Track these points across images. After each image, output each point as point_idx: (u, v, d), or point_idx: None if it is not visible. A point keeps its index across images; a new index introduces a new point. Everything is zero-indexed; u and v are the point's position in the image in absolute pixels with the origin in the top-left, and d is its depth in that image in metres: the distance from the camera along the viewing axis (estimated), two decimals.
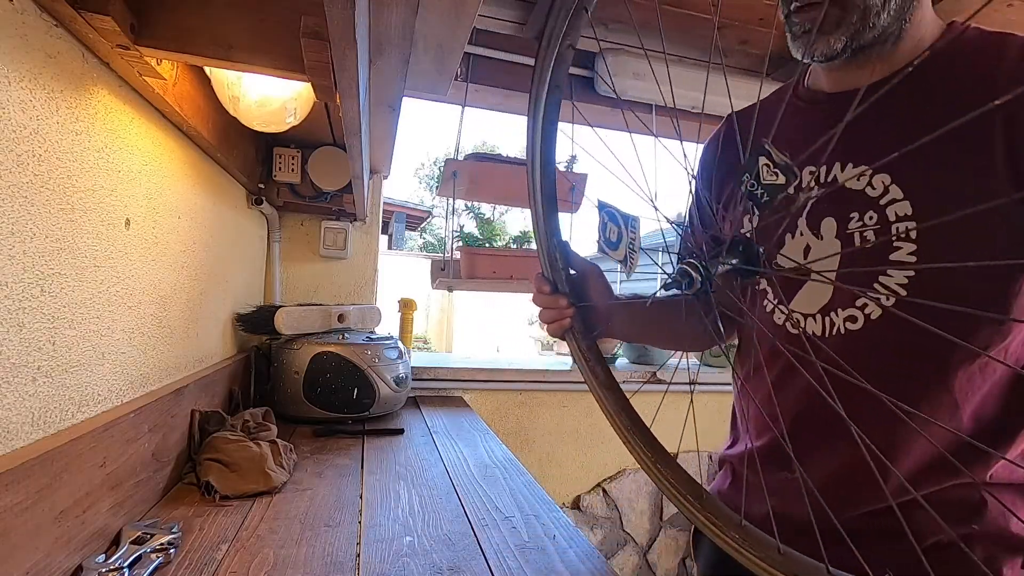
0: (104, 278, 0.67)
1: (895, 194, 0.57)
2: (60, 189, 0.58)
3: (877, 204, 0.58)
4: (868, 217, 0.59)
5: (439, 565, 0.66)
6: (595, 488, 1.99)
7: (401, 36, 0.78)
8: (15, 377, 0.51)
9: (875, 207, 0.58)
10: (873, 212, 0.58)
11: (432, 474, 1.00)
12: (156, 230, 0.83)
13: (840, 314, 0.62)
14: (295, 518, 0.78)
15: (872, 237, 0.59)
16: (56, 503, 0.54)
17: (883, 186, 0.58)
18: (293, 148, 1.51)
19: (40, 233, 0.54)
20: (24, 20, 0.51)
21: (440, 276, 1.89)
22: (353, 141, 0.95)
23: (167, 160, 0.86)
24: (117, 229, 0.70)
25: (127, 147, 0.73)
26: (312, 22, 0.61)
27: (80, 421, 0.62)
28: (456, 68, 1.15)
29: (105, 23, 0.56)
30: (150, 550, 0.63)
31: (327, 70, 0.66)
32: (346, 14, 0.49)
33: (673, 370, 2.04)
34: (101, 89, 0.66)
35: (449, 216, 1.95)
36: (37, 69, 0.53)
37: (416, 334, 1.98)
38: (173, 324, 0.91)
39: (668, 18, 1.89)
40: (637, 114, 2.03)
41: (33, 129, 0.53)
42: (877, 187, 0.58)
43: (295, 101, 0.96)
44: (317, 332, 1.39)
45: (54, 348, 0.57)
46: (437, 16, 0.91)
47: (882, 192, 0.58)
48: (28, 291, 0.53)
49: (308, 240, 1.76)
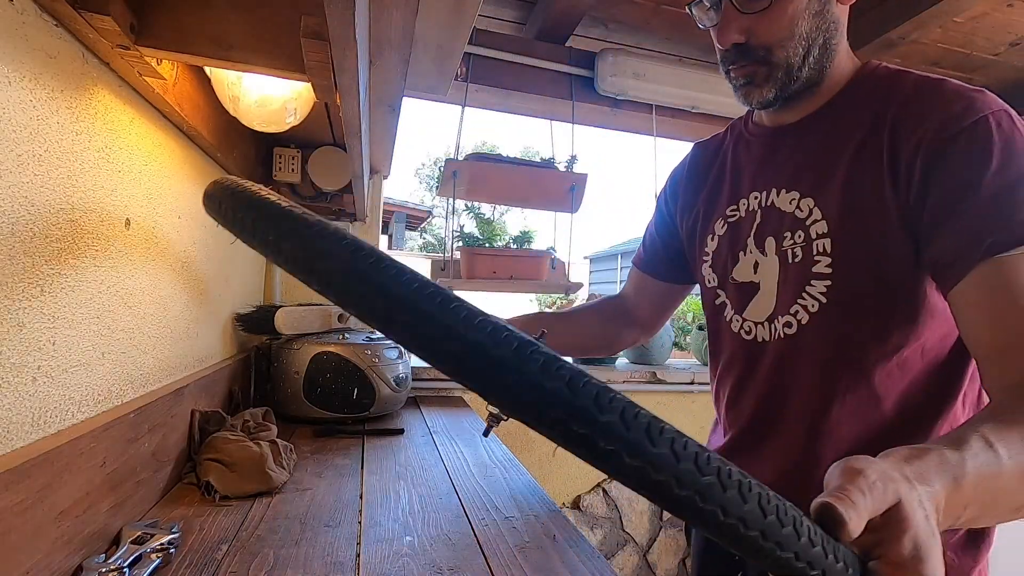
0: (104, 278, 0.67)
1: (816, 215, 0.67)
2: (60, 189, 0.58)
3: (803, 224, 0.68)
4: (797, 236, 0.69)
5: (439, 565, 0.66)
6: (595, 488, 1.99)
7: (401, 36, 0.78)
8: (15, 377, 0.51)
9: (802, 227, 0.68)
10: (801, 231, 0.68)
11: (432, 474, 1.00)
12: (156, 230, 0.83)
13: (781, 320, 0.71)
14: (295, 518, 0.78)
15: (800, 254, 0.68)
16: (56, 503, 0.54)
17: (808, 208, 0.68)
18: (293, 148, 1.51)
19: (40, 233, 0.54)
20: (24, 20, 0.51)
21: (440, 276, 1.89)
22: (353, 141, 0.95)
23: (167, 160, 0.86)
24: (117, 229, 0.70)
25: (127, 147, 0.73)
26: (312, 22, 0.61)
27: (80, 421, 0.62)
28: (456, 68, 1.15)
29: (105, 23, 0.56)
30: (150, 550, 0.63)
31: (327, 70, 0.66)
32: (346, 14, 0.49)
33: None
34: (101, 89, 0.66)
35: (449, 216, 1.96)
36: (37, 69, 0.53)
37: None
38: (173, 324, 0.91)
39: (668, 18, 1.89)
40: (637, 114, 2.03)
41: (33, 129, 0.53)
42: (804, 209, 0.68)
43: (295, 101, 0.96)
44: (317, 332, 1.39)
45: (54, 348, 0.57)
46: (437, 16, 0.91)
47: (808, 214, 0.68)
48: (28, 291, 0.53)
49: None
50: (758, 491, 0.28)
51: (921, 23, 1.68)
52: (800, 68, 0.67)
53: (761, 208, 0.73)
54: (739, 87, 0.70)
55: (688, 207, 0.87)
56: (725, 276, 0.78)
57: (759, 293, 0.73)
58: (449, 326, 0.27)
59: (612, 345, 1.03)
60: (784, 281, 0.70)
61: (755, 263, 0.74)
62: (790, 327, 0.69)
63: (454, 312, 0.28)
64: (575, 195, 1.93)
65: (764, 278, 0.73)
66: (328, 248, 0.31)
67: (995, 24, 1.81)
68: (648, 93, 1.94)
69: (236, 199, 0.37)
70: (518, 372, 0.26)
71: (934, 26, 1.76)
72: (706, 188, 0.84)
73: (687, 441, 0.28)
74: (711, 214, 0.82)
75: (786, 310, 0.70)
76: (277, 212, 0.34)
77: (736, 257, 0.76)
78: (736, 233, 0.77)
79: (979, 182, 0.55)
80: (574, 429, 0.26)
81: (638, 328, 1.02)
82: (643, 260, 0.98)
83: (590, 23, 1.96)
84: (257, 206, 0.35)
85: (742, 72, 0.68)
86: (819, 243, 0.66)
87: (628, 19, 1.94)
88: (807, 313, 0.67)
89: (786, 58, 0.66)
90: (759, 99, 0.69)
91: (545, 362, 0.27)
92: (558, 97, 1.97)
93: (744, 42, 0.66)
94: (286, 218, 0.33)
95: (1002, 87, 2.30)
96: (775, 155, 0.74)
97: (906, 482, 0.36)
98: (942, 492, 0.38)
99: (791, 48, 0.65)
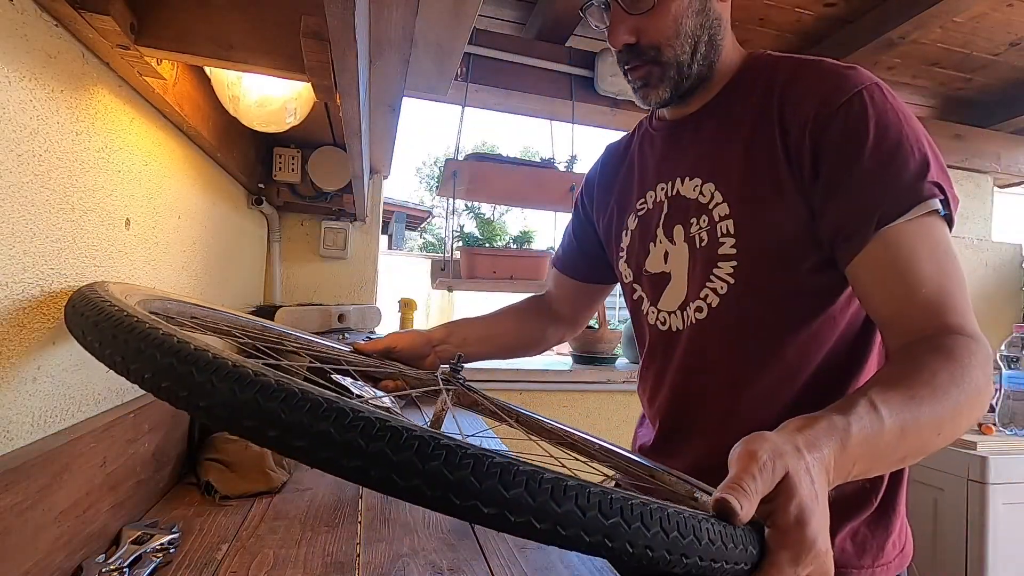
0: (104, 278, 0.67)
1: (718, 198, 0.69)
2: (60, 189, 0.58)
3: (707, 209, 0.70)
4: (703, 220, 0.70)
5: (439, 565, 0.66)
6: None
7: (401, 36, 0.78)
8: (15, 377, 0.51)
9: (706, 212, 0.70)
10: (705, 216, 0.70)
11: None
12: (156, 230, 0.83)
13: (692, 306, 0.72)
14: (295, 518, 0.78)
15: (706, 238, 0.70)
16: (56, 503, 0.54)
17: (710, 193, 0.70)
18: (293, 148, 1.51)
19: (40, 233, 0.54)
20: (25, 20, 0.51)
21: (440, 276, 1.89)
22: (353, 141, 0.95)
23: (167, 160, 0.86)
24: (117, 229, 0.70)
25: (127, 147, 0.73)
26: (312, 22, 0.61)
27: (80, 421, 0.62)
28: (456, 68, 1.15)
29: (105, 23, 0.56)
30: (150, 550, 0.63)
31: (327, 70, 0.66)
32: (346, 14, 0.49)
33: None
34: (101, 89, 0.66)
35: (449, 216, 1.96)
36: (38, 69, 0.53)
37: None
38: None
39: None
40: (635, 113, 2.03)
41: (33, 129, 0.53)
42: (707, 195, 0.70)
43: (295, 101, 0.96)
44: (317, 332, 1.39)
45: (54, 348, 0.57)
46: (437, 16, 0.91)
47: (710, 199, 0.70)
48: (28, 291, 0.53)
49: (308, 240, 1.76)
50: (658, 514, 0.31)
51: (921, 23, 1.68)
52: (690, 65, 0.70)
53: (668, 198, 0.75)
54: (637, 89, 0.73)
55: (603, 207, 0.89)
56: (639, 269, 0.79)
57: (671, 282, 0.75)
58: (327, 432, 0.28)
59: (537, 344, 1.03)
60: (693, 267, 0.71)
61: (665, 252, 0.75)
62: (701, 312, 0.70)
63: (333, 418, 0.28)
64: (575, 195, 1.93)
65: (674, 266, 0.74)
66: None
67: (995, 24, 1.81)
68: None
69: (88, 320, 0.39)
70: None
71: (934, 26, 1.76)
72: (617, 186, 0.86)
73: (589, 491, 0.30)
74: (624, 210, 0.84)
75: (696, 295, 0.71)
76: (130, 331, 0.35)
77: (647, 249, 0.77)
78: (646, 225, 0.78)
79: (859, 157, 0.58)
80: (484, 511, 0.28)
81: (563, 325, 1.03)
82: (561, 260, 1.00)
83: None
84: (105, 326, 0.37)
85: (638, 75, 0.71)
86: (722, 225, 0.68)
87: None
88: (716, 296, 0.69)
89: (675, 56, 0.69)
90: (656, 99, 0.72)
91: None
92: (558, 97, 1.97)
93: (635, 42, 0.69)
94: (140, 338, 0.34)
95: (1002, 87, 2.30)
96: (677, 146, 0.76)
97: (796, 453, 0.41)
98: (830, 455, 0.43)
99: (678, 46, 0.68)
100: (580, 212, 0.96)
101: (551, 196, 1.96)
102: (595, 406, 1.99)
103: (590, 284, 0.98)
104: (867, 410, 0.47)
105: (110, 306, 0.39)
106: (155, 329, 0.34)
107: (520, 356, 1.05)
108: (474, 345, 0.93)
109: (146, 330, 0.34)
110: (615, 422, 1.99)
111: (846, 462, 0.45)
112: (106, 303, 0.39)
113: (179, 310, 0.60)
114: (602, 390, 1.98)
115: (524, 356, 1.06)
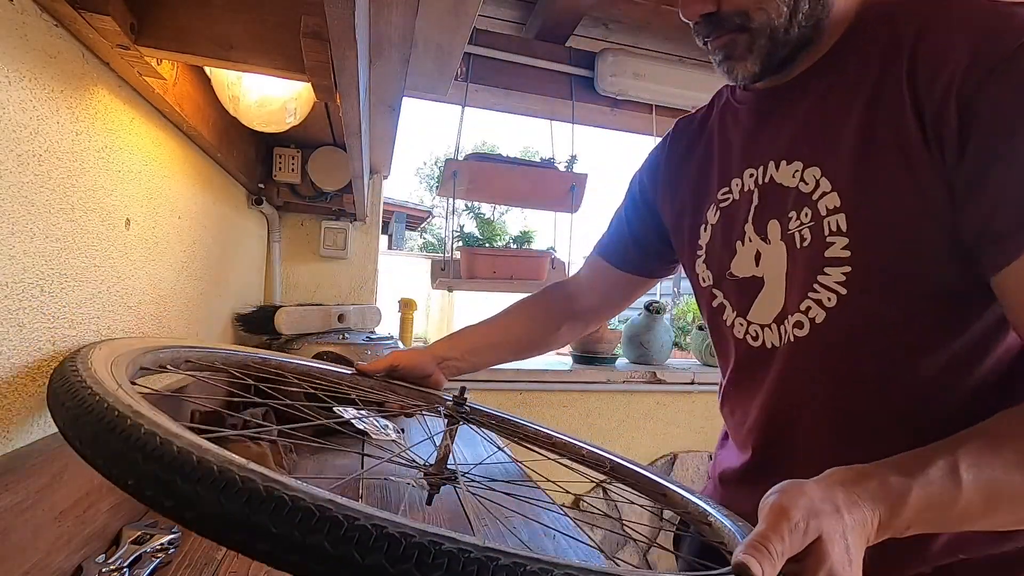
0: (104, 278, 0.67)
1: (824, 187, 0.55)
2: (60, 189, 0.58)
3: (811, 200, 0.56)
4: (804, 215, 0.56)
5: None
6: (595, 488, 1.99)
7: (401, 36, 0.78)
8: (15, 377, 0.51)
9: (809, 204, 0.56)
10: (808, 209, 0.56)
11: None
12: (156, 230, 0.83)
13: (791, 320, 0.58)
14: None
15: (808, 236, 0.56)
16: (56, 503, 0.54)
17: (814, 180, 0.56)
18: (293, 148, 1.51)
19: (40, 233, 0.54)
20: (24, 20, 0.51)
21: (440, 276, 1.89)
22: (353, 141, 0.95)
23: (167, 160, 0.86)
24: (117, 229, 0.70)
25: (127, 147, 0.73)
26: (312, 22, 0.61)
27: None
28: (456, 68, 1.15)
29: (105, 23, 0.56)
30: (150, 550, 0.63)
31: (327, 70, 0.66)
32: (346, 14, 0.49)
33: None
34: (101, 89, 0.66)
35: (449, 216, 1.96)
36: (37, 69, 0.53)
37: (416, 334, 1.98)
38: (173, 324, 0.91)
39: (668, 18, 1.89)
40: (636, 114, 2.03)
41: (33, 129, 0.53)
42: (809, 182, 0.56)
43: (295, 101, 0.96)
44: (317, 332, 1.39)
45: (54, 348, 0.57)
46: (437, 16, 0.91)
47: (814, 187, 0.56)
48: (28, 291, 0.53)
49: (308, 240, 1.76)
50: None
51: None
52: (787, 30, 0.54)
53: (759, 186, 0.61)
54: (719, 63, 0.59)
55: (672, 196, 0.75)
56: (722, 272, 0.66)
57: (764, 289, 0.61)
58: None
59: (549, 345, 0.93)
60: (792, 272, 0.58)
61: (756, 253, 0.62)
62: (801, 328, 0.57)
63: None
64: (575, 195, 1.93)
65: (768, 270, 0.60)
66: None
67: None
68: (648, 93, 1.94)
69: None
70: None
71: None
72: (691, 171, 0.72)
73: None
74: (701, 202, 0.70)
75: (796, 307, 0.57)
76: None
77: (733, 248, 0.64)
78: (730, 219, 0.65)
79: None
80: None
81: (581, 322, 0.94)
82: (606, 247, 0.87)
83: (590, 23, 1.96)
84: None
85: (719, 44, 0.57)
86: (831, 220, 0.54)
87: (628, 19, 1.94)
88: (822, 309, 0.55)
89: (767, 21, 0.54)
90: (744, 74, 0.58)
91: None
92: (558, 97, 1.97)
93: (715, 10, 0.55)
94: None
95: None
96: (769, 122, 0.62)
97: (834, 514, 0.37)
98: (874, 520, 0.39)
99: (772, 8, 0.53)
100: (638, 198, 0.82)
101: (551, 196, 1.96)
102: (595, 406, 1.99)
103: (637, 276, 0.85)
104: (943, 473, 0.40)
105: (90, 394, 0.36)
106: (137, 426, 0.31)
107: (531, 356, 0.97)
108: (482, 354, 0.88)
109: (127, 429, 0.31)
110: (615, 422, 1.99)
111: (897, 526, 0.40)
112: (86, 389, 0.36)
113: (172, 357, 0.59)
114: (602, 390, 1.98)
115: (536, 356, 0.98)
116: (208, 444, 0.30)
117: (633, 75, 1.88)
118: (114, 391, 0.36)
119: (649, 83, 1.90)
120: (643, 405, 2.04)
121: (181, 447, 0.29)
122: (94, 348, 0.47)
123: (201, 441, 0.31)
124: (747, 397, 0.66)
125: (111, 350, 0.49)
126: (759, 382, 0.63)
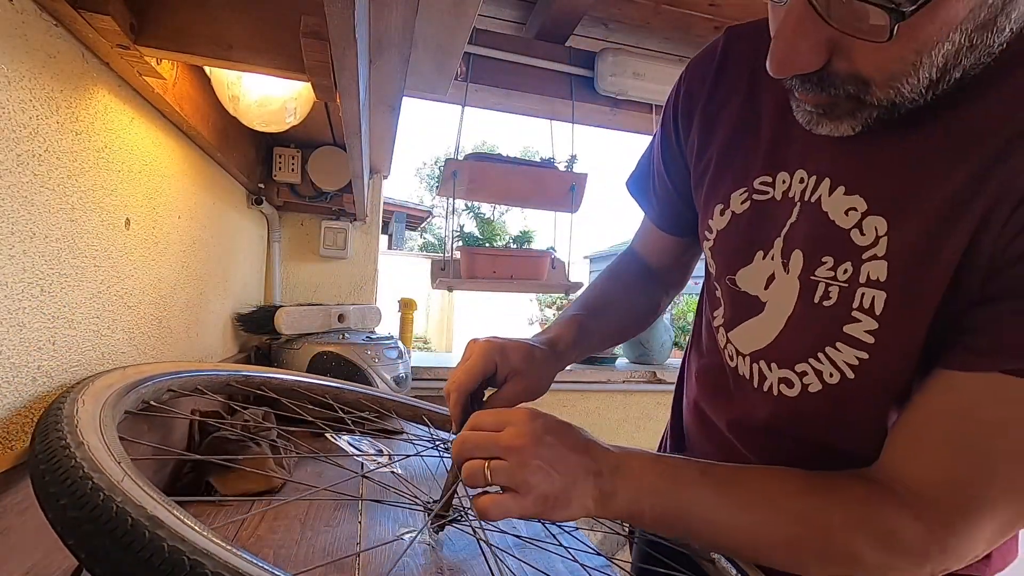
0: (104, 278, 0.67)
1: (880, 249, 0.44)
2: (60, 189, 0.58)
3: (859, 257, 0.45)
4: (841, 271, 0.46)
5: (439, 565, 0.66)
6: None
7: (401, 36, 0.78)
8: (15, 377, 0.51)
9: (854, 260, 0.45)
10: (849, 266, 0.46)
11: (432, 474, 1.00)
12: (156, 230, 0.83)
13: (773, 371, 0.52)
14: (295, 518, 0.78)
15: (835, 297, 0.46)
16: None
17: (875, 234, 0.44)
18: (293, 148, 1.51)
19: (40, 233, 0.54)
20: (24, 20, 0.51)
21: (440, 276, 1.89)
22: (353, 141, 0.95)
23: (167, 160, 0.86)
24: (117, 229, 0.70)
25: (127, 147, 0.73)
26: (312, 22, 0.61)
27: None
28: (456, 68, 1.15)
29: (105, 23, 0.56)
30: None
31: (327, 70, 0.66)
32: (346, 14, 0.49)
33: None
34: (101, 89, 0.66)
35: (449, 216, 1.96)
36: (37, 69, 0.53)
37: (416, 334, 1.98)
38: (173, 324, 0.91)
39: (668, 18, 1.89)
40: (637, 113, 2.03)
41: (33, 129, 0.53)
42: (868, 233, 0.45)
43: (295, 101, 0.96)
44: (317, 332, 1.39)
45: (54, 348, 0.57)
46: (437, 16, 0.91)
47: (872, 242, 0.44)
48: (28, 291, 0.53)
49: (308, 240, 1.76)
50: None
51: None
52: (916, 100, 0.41)
53: (802, 201, 0.49)
54: (804, 112, 0.45)
55: (701, 146, 0.59)
56: (725, 273, 0.57)
57: (759, 317, 0.53)
58: None
59: (649, 319, 0.81)
60: (799, 320, 0.50)
61: (771, 276, 0.52)
62: (790, 386, 0.51)
63: None
64: (575, 195, 1.93)
65: (774, 300, 0.52)
66: None
67: None
68: (648, 93, 1.94)
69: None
70: None
71: None
72: (727, 127, 0.56)
73: None
74: (725, 174, 0.56)
75: (790, 362, 0.51)
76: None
77: (750, 256, 0.54)
78: (760, 220, 0.53)
79: None
80: None
81: (674, 288, 0.82)
82: (658, 214, 0.73)
83: (590, 23, 1.96)
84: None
85: (813, 100, 0.43)
86: (866, 293, 0.44)
87: (628, 19, 1.94)
88: (819, 381, 0.49)
89: (893, 97, 0.40)
90: (830, 131, 0.44)
91: None
92: (558, 97, 1.97)
93: (824, 67, 0.40)
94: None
95: None
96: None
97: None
98: (590, 440, 0.46)
99: (907, 83, 0.39)
100: (671, 136, 0.65)
101: (551, 196, 1.96)
102: (595, 406, 1.99)
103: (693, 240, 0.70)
104: (690, 464, 0.46)
105: (92, 489, 0.31)
106: (108, 507, 0.29)
107: (632, 336, 0.86)
108: (597, 346, 0.75)
109: (147, 546, 0.29)
110: (615, 422, 1.99)
111: (612, 462, 0.46)
112: (66, 454, 0.33)
113: (154, 390, 0.59)
114: (602, 390, 1.98)
115: (636, 335, 0.88)
116: (246, 557, 0.30)
117: (633, 75, 1.88)
118: (92, 456, 0.33)
119: (649, 83, 1.90)
120: (643, 405, 2.04)
121: (215, 570, 0.29)
122: (81, 390, 0.46)
123: (236, 560, 0.30)
124: (717, 411, 0.62)
125: (97, 390, 0.47)
126: (726, 406, 0.60)
